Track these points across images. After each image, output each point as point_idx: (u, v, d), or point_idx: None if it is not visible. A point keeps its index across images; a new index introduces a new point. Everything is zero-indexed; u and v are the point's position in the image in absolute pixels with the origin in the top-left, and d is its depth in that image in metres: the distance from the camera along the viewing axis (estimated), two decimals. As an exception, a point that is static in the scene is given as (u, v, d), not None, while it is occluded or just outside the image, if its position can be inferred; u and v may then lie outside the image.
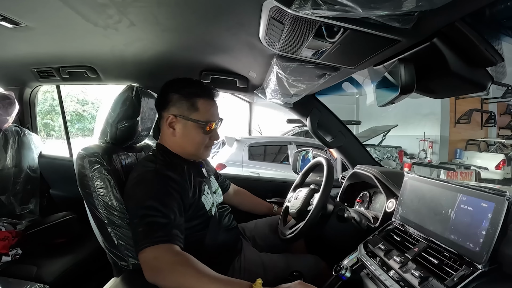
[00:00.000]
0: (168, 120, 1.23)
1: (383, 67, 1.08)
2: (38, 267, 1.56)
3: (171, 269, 0.92)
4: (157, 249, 0.95)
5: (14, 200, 1.96)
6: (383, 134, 8.21)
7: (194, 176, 1.26)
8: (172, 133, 1.24)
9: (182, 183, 1.16)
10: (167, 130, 1.25)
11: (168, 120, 1.23)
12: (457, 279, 0.81)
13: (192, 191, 1.21)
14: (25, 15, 1.12)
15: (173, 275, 0.91)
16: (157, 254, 0.94)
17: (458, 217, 0.91)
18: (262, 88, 1.62)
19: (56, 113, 15.88)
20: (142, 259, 0.96)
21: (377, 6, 0.63)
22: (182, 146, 1.26)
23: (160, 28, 1.17)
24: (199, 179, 1.30)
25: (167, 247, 0.96)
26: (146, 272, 0.94)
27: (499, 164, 8.22)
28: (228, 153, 5.14)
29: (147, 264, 0.94)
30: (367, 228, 1.32)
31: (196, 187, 1.25)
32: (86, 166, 1.19)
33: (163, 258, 0.93)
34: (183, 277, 0.90)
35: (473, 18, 0.78)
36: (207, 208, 1.27)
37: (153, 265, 0.93)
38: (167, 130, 1.25)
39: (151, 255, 0.94)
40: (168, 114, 1.23)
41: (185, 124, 1.22)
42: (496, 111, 9.95)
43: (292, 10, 0.72)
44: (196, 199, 1.23)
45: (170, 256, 0.94)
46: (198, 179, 1.30)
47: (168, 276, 0.91)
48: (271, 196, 2.03)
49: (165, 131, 1.27)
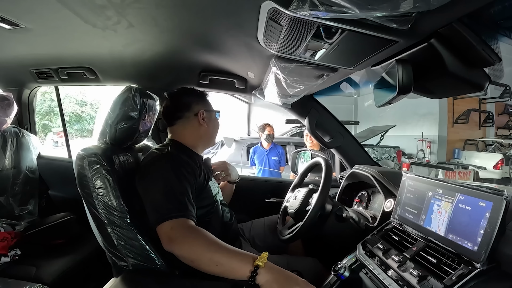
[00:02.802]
0: (203, 115, 1.41)
1: (381, 67, 1.08)
2: (37, 268, 1.56)
3: (184, 240, 1.02)
4: (173, 223, 1.05)
5: (13, 201, 1.96)
6: (381, 134, 8.21)
7: (203, 166, 1.36)
8: (201, 126, 1.41)
9: (193, 166, 1.26)
10: (197, 124, 1.41)
11: (202, 115, 1.40)
12: (456, 278, 0.81)
13: (201, 176, 1.30)
14: (24, 16, 1.12)
15: (186, 245, 1.01)
16: (173, 226, 1.04)
17: (456, 216, 0.92)
18: (261, 89, 1.62)
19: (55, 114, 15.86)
20: (161, 231, 1.05)
21: (374, 7, 0.63)
22: (209, 134, 1.45)
23: (159, 30, 1.17)
24: (207, 170, 1.40)
25: (182, 221, 1.06)
26: (164, 242, 1.04)
27: (497, 164, 8.25)
28: (227, 153, 5.15)
29: (165, 236, 1.04)
30: (366, 227, 1.33)
31: (205, 172, 1.34)
32: (85, 167, 1.19)
33: (178, 230, 1.04)
34: (195, 246, 1.00)
35: (470, 19, 0.78)
36: (213, 192, 1.39)
37: (170, 236, 1.03)
38: (197, 124, 1.41)
39: (168, 227, 1.04)
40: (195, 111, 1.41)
41: (211, 115, 1.45)
42: (494, 111, 9.97)
43: (290, 11, 0.72)
44: (205, 184, 1.33)
45: (184, 229, 1.04)
46: (207, 169, 1.40)
47: (182, 245, 1.01)
48: (269, 196, 2.03)
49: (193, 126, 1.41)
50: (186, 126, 1.40)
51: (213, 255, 0.98)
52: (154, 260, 1.19)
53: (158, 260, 1.20)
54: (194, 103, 1.41)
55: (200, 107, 1.41)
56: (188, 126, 1.41)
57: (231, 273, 0.97)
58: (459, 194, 0.93)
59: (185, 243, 1.01)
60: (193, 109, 1.40)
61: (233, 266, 0.97)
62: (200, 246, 1.00)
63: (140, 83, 1.77)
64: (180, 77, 1.80)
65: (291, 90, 1.35)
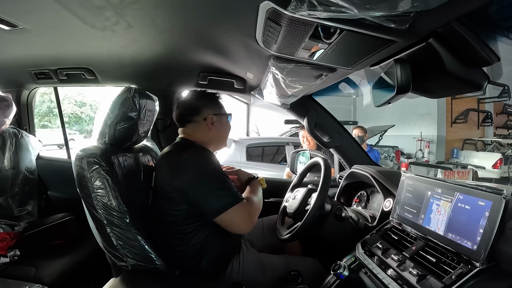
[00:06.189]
0: (212, 120, 1.40)
1: (379, 67, 1.08)
2: (36, 268, 1.56)
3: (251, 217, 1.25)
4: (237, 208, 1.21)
5: (12, 201, 1.95)
6: (380, 134, 8.20)
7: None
8: (210, 130, 1.40)
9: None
10: (206, 128, 1.40)
11: (211, 120, 1.39)
12: (455, 277, 0.81)
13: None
14: (22, 17, 1.12)
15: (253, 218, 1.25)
16: (239, 210, 1.21)
17: (455, 216, 0.92)
18: (260, 89, 1.62)
19: (54, 115, 15.84)
20: (226, 218, 1.20)
21: (372, 7, 0.63)
22: (219, 138, 1.46)
23: (158, 30, 1.17)
24: None
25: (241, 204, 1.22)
26: (233, 227, 1.23)
27: (496, 163, 8.25)
28: (226, 154, 5.13)
29: (235, 219, 1.22)
30: (365, 227, 1.33)
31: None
32: (84, 167, 1.19)
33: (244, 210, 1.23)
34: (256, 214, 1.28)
35: (468, 19, 0.78)
36: None
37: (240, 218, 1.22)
38: (206, 128, 1.40)
39: (235, 212, 1.20)
40: (205, 115, 1.39)
41: (221, 119, 1.43)
42: (492, 111, 9.96)
43: (288, 11, 0.73)
44: None
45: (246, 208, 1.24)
46: None
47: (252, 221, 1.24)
48: (269, 196, 2.03)
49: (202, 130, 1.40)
50: (196, 129, 1.40)
51: (260, 204, 1.35)
52: (154, 260, 1.20)
53: (157, 260, 1.20)
54: (203, 107, 1.40)
55: (209, 112, 1.40)
56: (198, 129, 1.40)
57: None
58: (458, 194, 0.93)
59: (253, 218, 1.25)
60: (203, 114, 1.39)
61: (261, 197, 1.42)
62: (258, 210, 1.30)
63: (139, 84, 1.77)
64: (179, 78, 1.80)
65: (290, 90, 1.35)
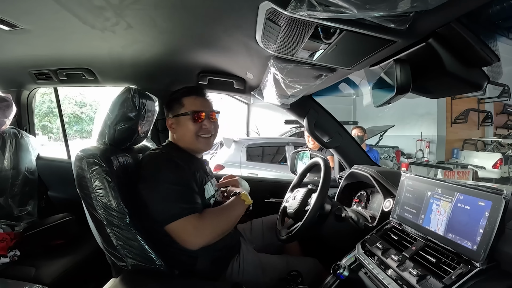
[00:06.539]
0: (169, 123, 1.39)
1: (379, 67, 1.08)
2: (36, 268, 1.56)
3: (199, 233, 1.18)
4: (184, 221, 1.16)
5: (12, 202, 1.96)
6: (380, 134, 8.19)
7: (198, 169, 1.36)
8: (174, 133, 1.39)
9: (187, 171, 1.27)
10: (171, 131, 1.41)
11: (168, 123, 1.39)
12: (455, 277, 0.81)
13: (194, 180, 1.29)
14: (22, 17, 1.12)
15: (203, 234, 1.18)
16: (185, 223, 1.16)
17: (455, 216, 0.92)
18: (259, 89, 1.62)
19: (54, 115, 15.82)
20: (172, 229, 1.17)
21: (372, 7, 0.63)
22: (183, 140, 1.38)
23: (158, 30, 1.17)
24: (203, 173, 1.39)
25: (190, 218, 1.17)
26: (181, 239, 1.17)
27: (496, 163, 8.24)
28: (226, 154, 5.13)
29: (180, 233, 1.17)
30: (365, 227, 1.33)
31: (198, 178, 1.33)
32: (84, 168, 1.19)
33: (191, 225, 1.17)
34: (208, 230, 1.19)
35: (468, 19, 0.78)
36: (206, 196, 1.34)
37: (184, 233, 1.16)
38: (171, 132, 1.41)
39: (181, 225, 1.16)
40: (168, 118, 1.40)
41: (178, 120, 1.36)
42: (492, 111, 9.94)
43: (288, 11, 0.73)
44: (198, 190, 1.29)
45: (194, 222, 1.17)
46: (202, 173, 1.39)
47: (201, 237, 1.18)
48: (269, 197, 2.03)
49: (170, 133, 1.42)
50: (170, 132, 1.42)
51: (224, 222, 1.26)
52: (153, 260, 1.20)
53: (157, 260, 1.20)
54: (167, 111, 1.41)
55: (169, 115, 1.39)
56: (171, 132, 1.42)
57: (239, 217, 1.32)
58: (458, 194, 0.93)
59: (201, 234, 1.17)
60: (168, 116, 1.40)
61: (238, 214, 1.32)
62: (213, 227, 1.21)
63: (139, 84, 1.77)
64: (179, 78, 1.80)
65: (289, 91, 1.35)
